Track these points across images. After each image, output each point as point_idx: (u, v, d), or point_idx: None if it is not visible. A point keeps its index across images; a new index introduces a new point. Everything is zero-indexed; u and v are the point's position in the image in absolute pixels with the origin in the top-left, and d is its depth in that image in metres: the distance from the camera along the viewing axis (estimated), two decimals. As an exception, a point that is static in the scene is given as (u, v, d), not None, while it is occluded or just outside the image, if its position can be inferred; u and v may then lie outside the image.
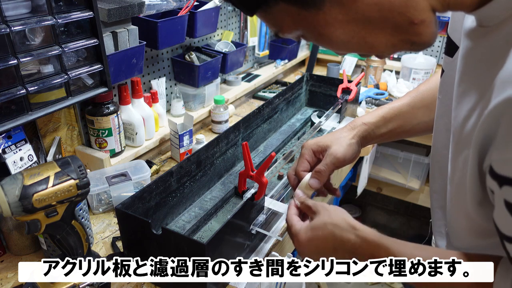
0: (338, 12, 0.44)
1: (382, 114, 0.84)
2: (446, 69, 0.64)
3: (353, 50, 0.50)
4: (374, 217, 2.54)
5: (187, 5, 1.32)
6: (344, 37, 0.47)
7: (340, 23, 0.45)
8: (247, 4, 0.46)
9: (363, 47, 0.49)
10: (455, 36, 0.60)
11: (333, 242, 0.64)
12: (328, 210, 0.69)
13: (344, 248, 0.63)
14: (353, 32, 0.46)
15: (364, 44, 0.48)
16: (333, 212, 0.68)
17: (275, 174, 1.06)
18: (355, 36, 0.47)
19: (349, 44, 0.48)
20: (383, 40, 0.47)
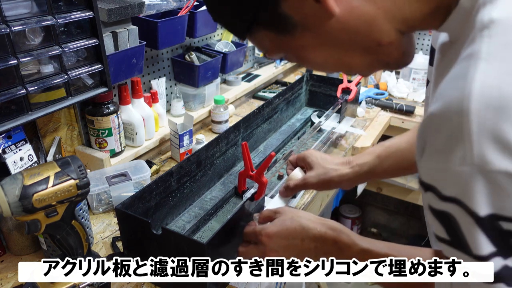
0: (310, 37, 0.47)
1: (378, 153, 0.85)
2: (430, 79, 0.64)
3: (332, 70, 0.53)
4: (374, 217, 2.54)
5: (187, 5, 1.32)
6: (321, 59, 0.50)
7: (313, 46, 0.48)
8: (237, 31, 0.50)
9: (341, 67, 0.52)
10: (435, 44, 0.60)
11: (301, 232, 0.70)
12: (290, 209, 0.77)
13: (310, 237, 0.69)
14: (328, 54, 0.49)
15: (341, 64, 0.51)
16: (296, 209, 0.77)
17: (275, 174, 1.06)
18: (331, 57, 0.49)
19: (327, 65, 0.51)
20: (358, 60, 0.49)
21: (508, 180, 0.33)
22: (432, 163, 0.39)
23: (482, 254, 0.38)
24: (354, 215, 2.44)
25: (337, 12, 0.43)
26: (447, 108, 0.36)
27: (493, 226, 0.36)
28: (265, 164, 0.88)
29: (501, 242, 0.37)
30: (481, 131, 0.33)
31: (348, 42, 0.47)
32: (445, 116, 0.36)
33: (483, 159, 0.33)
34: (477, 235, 0.37)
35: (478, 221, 0.36)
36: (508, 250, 0.37)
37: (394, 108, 1.71)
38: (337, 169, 0.87)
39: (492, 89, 0.32)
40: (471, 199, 0.35)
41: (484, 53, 0.34)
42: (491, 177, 0.33)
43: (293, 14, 0.45)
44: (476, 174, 0.34)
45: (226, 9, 0.49)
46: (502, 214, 0.35)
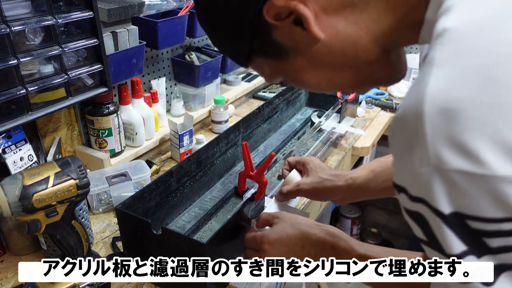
0: (302, 60, 0.50)
1: (372, 168, 0.86)
2: None
3: (327, 90, 0.56)
4: (374, 217, 2.54)
5: (187, 5, 1.32)
6: (315, 81, 0.53)
7: (306, 69, 0.51)
8: (239, 61, 0.55)
9: (335, 87, 0.54)
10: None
11: (301, 238, 0.73)
12: (289, 214, 0.80)
13: (310, 244, 0.73)
14: (321, 76, 0.52)
15: (334, 84, 0.53)
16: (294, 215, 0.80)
17: (275, 174, 1.06)
18: (324, 78, 0.52)
19: (321, 86, 0.54)
20: (350, 80, 0.52)
21: (463, 178, 0.34)
22: (398, 165, 0.41)
23: (455, 253, 0.38)
24: (354, 215, 2.44)
25: (323, 37, 0.46)
26: (405, 112, 0.38)
27: (460, 225, 0.37)
28: (265, 164, 0.88)
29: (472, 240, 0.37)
30: (434, 133, 0.34)
31: (337, 63, 0.50)
32: (404, 120, 0.38)
33: (438, 159, 0.34)
34: (446, 234, 0.38)
35: (444, 220, 0.37)
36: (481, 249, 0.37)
37: (394, 108, 1.71)
38: (331, 180, 0.88)
39: (443, 93, 0.34)
40: (433, 198, 0.37)
41: (437, 60, 0.36)
42: (447, 176, 0.35)
43: (284, 41, 0.48)
44: (434, 174, 0.35)
45: (227, 42, 0.53)
46: (464, 212, 0.36)
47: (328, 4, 0.45)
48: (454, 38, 0.36)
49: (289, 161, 0.97)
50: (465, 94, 0.33)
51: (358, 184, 0.85)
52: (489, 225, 0.35)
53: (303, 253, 0.72)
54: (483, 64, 0.33)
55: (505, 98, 0.32)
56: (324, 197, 0.91)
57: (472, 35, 0.35)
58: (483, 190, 0.34)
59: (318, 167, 0.91)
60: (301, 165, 0.94)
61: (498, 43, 0.34)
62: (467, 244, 0.38)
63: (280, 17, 0.46)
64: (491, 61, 0.33)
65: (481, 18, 0.35)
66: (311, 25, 0.45)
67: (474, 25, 0.35)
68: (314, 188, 0.88)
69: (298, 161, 0.95)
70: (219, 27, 0.52)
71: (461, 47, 0.35)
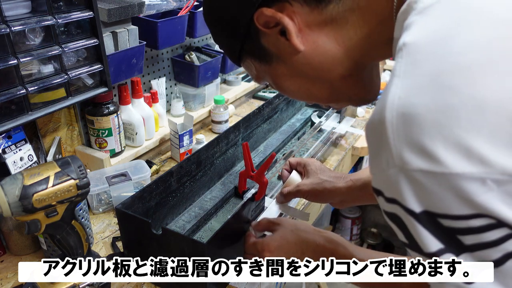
0: (283, 67, 0.54)
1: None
2: None
3: (304, 99, 0.60)
4: (374, 217, 2.54)
5: (187, 5, 1.32)
6: (293, 88, 0.57)
7: (286, 76, 0.55)
8: (233, 59, 0.59)
9: (311, 97, 0.58)
10: None
11: (301, 245, 0.76)
12: (289, 220, 0.82)
13: (309, 250, 0.75)
14: (299, 84, 0.56)
15: (310, 95, 0.57)
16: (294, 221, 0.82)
17: (275, 174, 1.06)
18: (301, 87, 0.56)
19: (298, 93, 0.58)
20: (325, 93, 0.56)
21: (426, 178, 0.36)
22: (372, 168, 0.43)
23: (431, 251, 0.39)
24: (354, 215, 2.44)
25: (303, 49, 0.50)
26: (373, 118, 0.40)
27: (433, 223, 0.38)
28: (265, 164, 0.88)
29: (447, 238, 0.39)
30: (395, 136, 0.37)
31: (315, 76, 0.53)
32: (372, 126, 0.41)
33: (401, 160, 0.37)
34: (421, 233, 0.39)
35: (417, 219, 0.39)
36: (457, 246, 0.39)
37: (394, 108, 1.71)
38: (331, 181, 0.88)
39: (401, 100, 0.37)
40: (403, 198, 0.38)
41: (397, 71, 0.39)
42: (411, 176, 0.37)
43: (270, 47, 0.53)
44: (399, 175, 0.37)
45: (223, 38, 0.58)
46: (434, 211, 0.37)
47: (312, 20, 0.49)
48: (411, 50, 0.39)
49: (290, 162, 0.98)
50: (420, 100, 0.36)
51: (358, 186, 0.85)
52: (459, 222, 0.37)
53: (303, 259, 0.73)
54: (436, 72, 0.36)
55: (457, 102, 0.34)
56: (324, 199, 0.91)
57: (427, 46, 0.38)
58: (445, 188, 0.35)
59: (318, 169, 0.91)
60: (302, 166, 0.94)
61: (449, 52, 0.36)
62: (443, 242, 0.39)
63: (268, 25, 0.50)
64: (443, 69, 0.36)
65: (436, 31, 0.38)
66: (292, 38, 0.49)
67: (429, 38, 0.38)
68: (313, 189, 0.88)
69: (299, 163, 0.95)
70: (217, 23, 0.57)
71: (417, 57, 0.38)
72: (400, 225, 0.42)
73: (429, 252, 0.40)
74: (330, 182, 0.88)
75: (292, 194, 0.91)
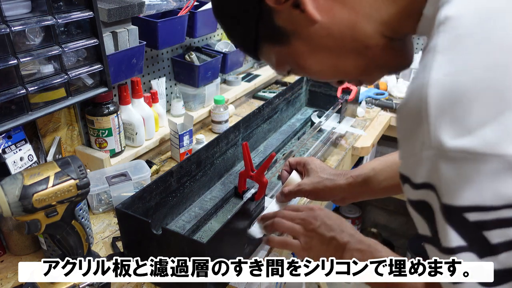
0: (302, 44, 0.51)
1: (373, 166, 0.85)
2: None
3: (331, 77, 0.55)
4: (374, 217, 2.54)
5: (187, 5, 1.32)
6: (317, 66, 0.53)
7: (307, 53, 0.52)
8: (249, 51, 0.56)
9: (338, 73, 0.54)
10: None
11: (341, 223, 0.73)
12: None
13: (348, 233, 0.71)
14: (322, 61, 0.52)
15: (338, 70, 0.53)
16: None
17: (275, 174, 1.06)
18: (325, 64, 0.52)
19: (324, 72, 0.54)
20: (352, 65, 0.52)
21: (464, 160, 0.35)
22: (403, 153, 0.41)
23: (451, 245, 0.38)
24: (354, 215, 2.44)
25: (319, 19, 0.47)
26: (409, 98, 0.39)
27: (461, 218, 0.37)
28: (265, 164, 0.88)
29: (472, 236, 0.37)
30: (438, 114, 0.35)
31: (337, 47, 0.50)
32: (408, 105, 0.39)
33: (439, 140, 0.35)
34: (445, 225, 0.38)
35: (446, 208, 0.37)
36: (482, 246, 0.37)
37: (394, 108, 1.71)
38: (331, 179, 0.87)
39: (447, 77, 0.35)
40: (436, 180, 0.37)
41: (440, 46, 0.37)
42: (449, 157, 0.35)
43: (285, 25, 0.50)
44: (435, 156, 0.36)
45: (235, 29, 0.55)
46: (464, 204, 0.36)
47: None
48: (455, 24, 0.37)
49: (290, 162, 0.97)
50: (469, 78, 0.34)
51: (359, 182, 0.85)
52: (488, 214, 0.36)
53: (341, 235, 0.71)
54: (485, 49, 0.35)
55: (507, 82, 0.33)
56: (325, 197, 0.91)
57: (474, 22, 0.36)
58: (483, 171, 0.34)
59: (318, 167, 0.90)
60: (301, 166, 0.94)
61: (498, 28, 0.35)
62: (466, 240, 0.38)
63: (280, 1, 0.47)
64: (493, 45, 0.34)
65: (482, 8, 0.37)
66: (307, 7, 0.46)
67: (475, 14, 0.36)
68: (314, 188, 0.87)
69: (299, 162, 0.95)
70: (227, 14, 0.54)
71: (463, 32, 0.36)
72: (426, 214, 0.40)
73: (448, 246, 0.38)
74: (331, 180, 0.87)
75: (293, 194, 0.90)
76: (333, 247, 0.71)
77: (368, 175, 0.84)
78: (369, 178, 0.84)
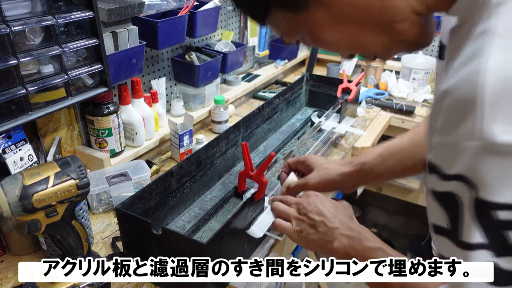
0: (323, 12, 0.47)
1: (379, 152, 0.85)
2: (439, 72, 0.64)
3: (347, 49, 0.52)
4: (374, 217, 2.54)
5: (187, 5, 1.32)
6: (335, 37, 0.49)
7: (327, 23, 0.48)
8: (256, 14, 0.52)
9: (356, 47, 0.50)
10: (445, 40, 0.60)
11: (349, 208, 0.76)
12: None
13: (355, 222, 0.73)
14: (342, 32, 0.48)
15: (356, 43, 0.50)
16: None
17: (275, 174, 1.06)
18: (345, 35, 0.49)
19: (341, 44, 0.50)
20: (373, 39, 0.48)
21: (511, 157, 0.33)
22: (442, 139, 0.39)
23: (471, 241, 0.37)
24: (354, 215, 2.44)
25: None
26: (461, 83, 0.36)
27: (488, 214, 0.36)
28: (265, 164, 0.88)
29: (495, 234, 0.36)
30: (493, 104, 0.33)
31: (361, 19, 0.47)
32: (456, 92, 0.36)
33: (489, 133, 0.33)
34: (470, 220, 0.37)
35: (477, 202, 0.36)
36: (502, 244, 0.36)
37: (394, 108, 1.71)
38: (338, 169, 0.86)
39: (506, 65, 0.33)
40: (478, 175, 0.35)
41: (499, 29, 0.34)
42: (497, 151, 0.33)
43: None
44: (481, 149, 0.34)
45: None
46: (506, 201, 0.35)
47: None
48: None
49: (288, 163, 0.97)
50: None
51: (366, 169, 0.84)
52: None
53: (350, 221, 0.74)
54: None
55: None
56: (334, 187, 0.89)
57: None
58: None
59: (320, 160, 0.90)
60: (301, 164, 0.93)
61: None
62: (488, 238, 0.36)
63: None
64: None
65: None
66: None
67: None
68: (322, 179, 0.86)
69: (298, 161, 0.94)
70: None
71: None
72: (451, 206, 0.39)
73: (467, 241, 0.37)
74: (337, 169, 0.86)
75: (300, 187, 0.89)
76: (322, 231, 0.72)
77: (376, 162, 0.84)
78: (377, 164, 0.84)
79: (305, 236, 0.74)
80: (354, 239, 0.68)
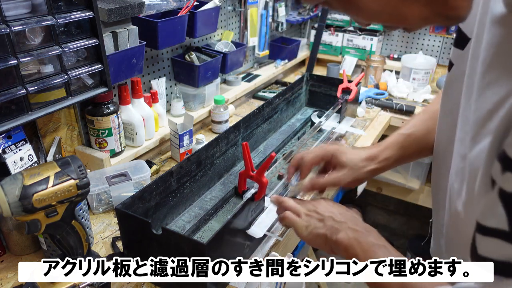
0: None
1: (401, 143, 0.86)
2: (456, 62, 0.63)
3: (383, 20, 0.49)
4: (374, 217, 2.54)
5: (187, 5, 1.32)
6: (376, 6, 0.46)
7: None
8: None
9: (395, 18, 0.47)
10: (466, 29, 0.59)
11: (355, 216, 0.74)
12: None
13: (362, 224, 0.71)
14: (386, 2, 0.45)
15: (396, 14, 0.46)
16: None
17: (275, 174, 1.06)
18: (388, 5, 0.45)
19: (381, 14, 0.47)
20: (416, 11, 0.45)
21: None
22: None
23: None
24: (354, 215, 2.44)
25: None
26: None
27: None
28: (265, 164, 0.88)
29: None
30: None
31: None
32: None
33: None
34: None
35: None
36: None
37: (394, 108, 1.71)
38: (365, 166, 0.86)
39: None
40: None
41: None
42: None
43: None
44: None
45: None
46: None
47: None
48: None
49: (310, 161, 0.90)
50: None
51: (390, 163, 0.86)
52: None
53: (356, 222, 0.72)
54: None
55: None
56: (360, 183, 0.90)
57: None
58: None
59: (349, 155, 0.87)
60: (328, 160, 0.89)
61: None
62: None
63: None
64: None
65: None
66: None
67: None
68: (355, 179, 0.86)
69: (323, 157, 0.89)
70: None
71: None
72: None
73: None
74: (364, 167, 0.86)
75: (329, 183, 0.86)
76: (330, 225, 0.72)
77: (399, 155, 0.86)
78: (398, 158, 0.86)
79: (311, 230, 0.74)
80: (360, 233, 0.68)
